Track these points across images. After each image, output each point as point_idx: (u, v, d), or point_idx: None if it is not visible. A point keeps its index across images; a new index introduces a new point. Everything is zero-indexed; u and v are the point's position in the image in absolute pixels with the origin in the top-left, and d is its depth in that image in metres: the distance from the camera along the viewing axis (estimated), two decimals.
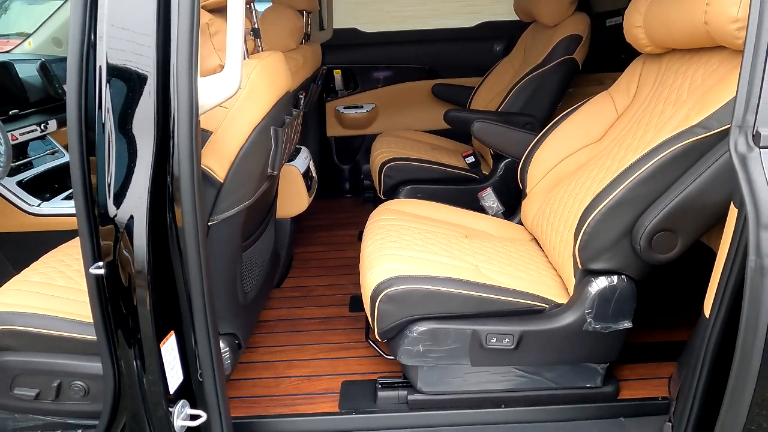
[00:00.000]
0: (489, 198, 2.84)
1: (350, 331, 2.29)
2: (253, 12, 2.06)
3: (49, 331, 1.55)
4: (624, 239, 1.59)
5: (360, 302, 1.93)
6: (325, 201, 3.65)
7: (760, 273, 1.10)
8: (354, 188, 4.06)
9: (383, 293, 1.67)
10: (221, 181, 1.52)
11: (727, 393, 1.19)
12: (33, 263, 1.84)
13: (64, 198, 2.42)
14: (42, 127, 2.62)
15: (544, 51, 2.97)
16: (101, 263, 1.28)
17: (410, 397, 1.82)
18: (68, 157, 1.53)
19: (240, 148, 1.55)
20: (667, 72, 1.85)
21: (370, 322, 1.74)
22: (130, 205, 1.24)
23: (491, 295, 1.70)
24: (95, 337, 1.36)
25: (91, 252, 1.29)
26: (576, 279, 1.70)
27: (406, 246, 1.85)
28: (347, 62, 3.94)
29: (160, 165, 1.24)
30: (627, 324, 1.67)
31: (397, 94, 3.93)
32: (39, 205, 2.34)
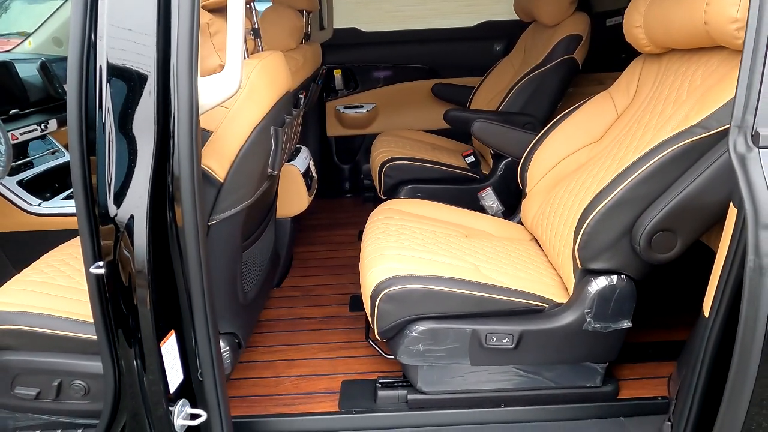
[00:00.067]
0: (489, 198, 2.84)
1: (350, 331, 2.29)
2: (253, 12, 2.06)
3: (50, 331, 1.55)
4: (624, 239, 1.59)
5: (360, 302, 1.93)
6: (325, 200, 3.65)
7: (759, 273, 1.10)
8: (354, 188, 4.05)
9: (383, 293, 1.67)
10: (221, 181, 1.52)
11: (726, 392, 1.19)
12: (33, 263, 1.85)
13: (65, 197, 2.42)
14: (42, 127, 2.62)
15: (544, 51, 2.97)
16: (101, 263, 1.28)
17: (410, 397, 1.83)
18: (68, 157, 1.53)
19: (240, 148, 1.55)
20: (667, 72, 1.85)
21: (370, 322, 1.74)
22: (131, 205, 1.24)
23: (491, 295, 1.70)
24: (95, 337, 1.36)
25: (92, 251, 1.29)
26: (576, 278, 1.70)
27: (406, 245, 1.86)
28: (347, 62, 3.94)
29: (161, 165, 1.24)
30: (626, 324, 1.67)
31: (397, 94, 3.93)
32: (39, 205, 2.33)
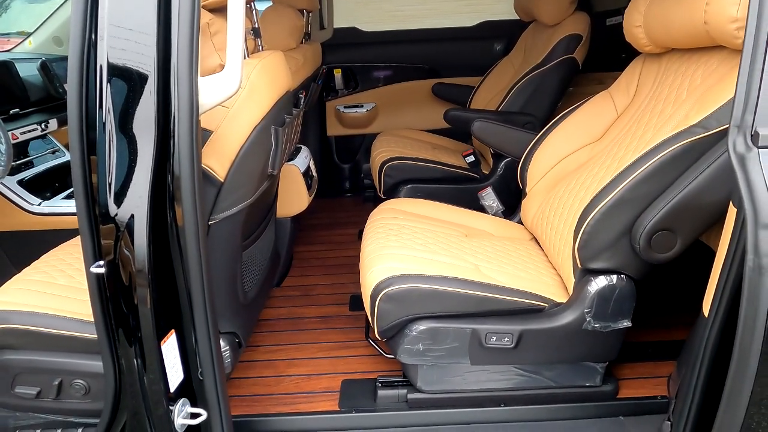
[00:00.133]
0: (489, 197, 2.84)
1: (350, 330, 2.29)
2: (254, 11, 2.06)
3: (50, 330, 1.55)
4: (623, 238, 1.59)
5: (360, 301, 1.93)
6: (326, 200, 3.65)
7: (759, 272, 1.10)
8: (354, 187, 4.06)
9: (383, 292, 1.67)
10: (222, 181, 1.52)
11: (725, 392, 1.19)
12: (34, 262, 1.85)
13: (65, 197, 2.42)
14: (43, 126, 2.62)
15: (545, 50, 2.97)
16: (102, 262, 1.28)
17: (410, 396, 1.83)
18: (69, 156, 1.53)
19: (240, 148, 1.55)
20: (667, 71, 1.85)
21: (370, 321, 1.75)
22: (131, 204, 1.24)
23: (491, 294, 1.70)
24: (96, 336, 1.36)
25: (92, 251, 1.29)
26: (575, 278, 1.70)
27: (406, 245, 1.86)
28: (347, 61, 3.94)
29: (161, 164, 1.25)
30: (626, 323, 1.67)
31: (397, 94, 3.93)
32: (40, 204, 2.34)
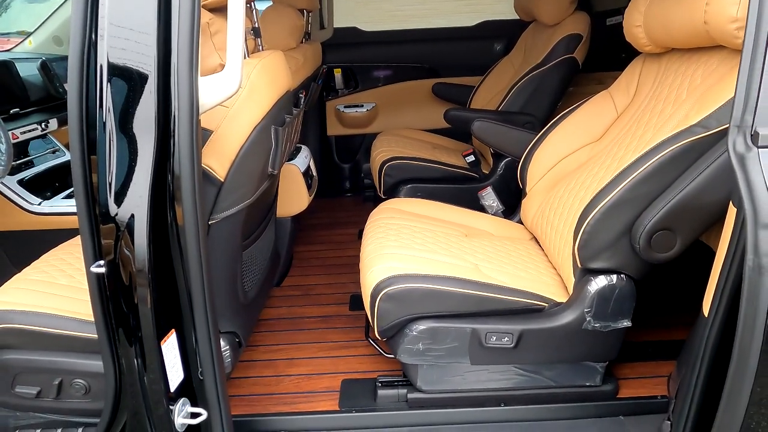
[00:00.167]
0: (489, 197, 2.84)
1: (350, 330, 2.29)
2: (254, 11, 2.06)
3: (51, 330, 1.55)
4: (623, 238, 1.59)
5: (360, 301, 1.93)
6: (326, 200, 3.65)
7: (758, 272, 1.10)
8: (354, 187, 4.06)
9: (383, 292, 1.67)
10: (222, 180, 1.52)
11: (725, 392, 1.19)
12: (34, 262, 1.85)
13: (65, 197, 2.42)
14: (43, 126, 2.63)
15: (545, 50, 2.97)
16: (102, 262, 1.28)
17: (410, 396, 1.83)
18: (69, 156, 1.52)
19: (240, 147, 1.55)
20: (667, 71, 1.85)
21: (370, 321, 1.75)
22: (131, 204, 1.24)
23: (491, 294, 1.70)
24: (96, 336, 1.36)
25: (92, 250, 1.29)
26: (575, 278, 1.70)
27: (406, 245, 1.86)
28: (347, 61, 3.94)
29: (161, 164, 1.25)
30: (626, 323, 1.67)
31: (398, 93, 3.93)
32: (40, 204, 2.34)
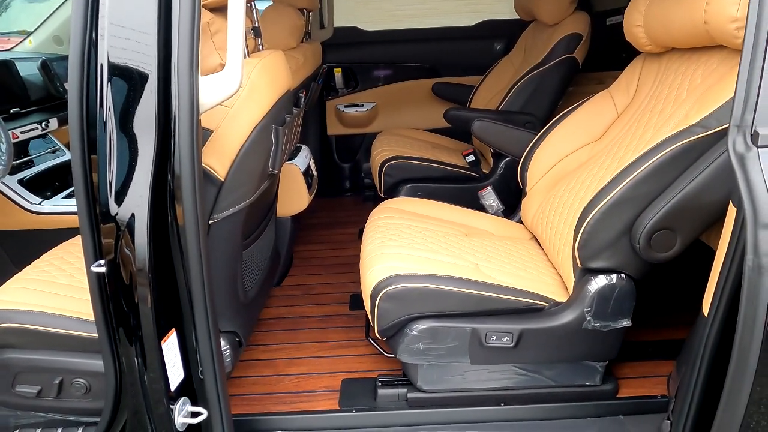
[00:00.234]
0: (489, 197, 2.84)
1: (350, 329, 2.29)
2: (254, 11, 2.06)
3: (51, 329, 1.55)
4: (623, 238, 1.59)
5: (360, 300, 1.93)
6: (326, 199, 3.66)
7: (758, 272, 1.10)
8: (354, 187, 4.05)
9: (383, 291, 1.67)
10: (222, 180, 1.52)
11: (725, 391, 1.19)
12: (34, 261, 1.85)
13: (65, 196, 2.42)
14: (43, 126, 2.63)
15: (545, 50, 2.97)
16: (102, 261, 1.28)
17: (410, 395, 1.83)
18: (69, 156, 1.53)
19: (241, 147, 1.55)
20: (667, 71, 1.85)
21: (370, 320, 1.75)
22: (132, 204, 1.24)
23: (491, 294, 1.70)
24: (96, 335, 1.36)
25: (93, 250, 1.29)
26: (575, 277, 1.70)
27: (407, 244, 1.86)
28: (348, 61, 3.94)
29: (161, 163, 1.25)
30: (626, 322, 1.67)
31: (398, 93, 3.93)
32: (40, 203, 2.34)
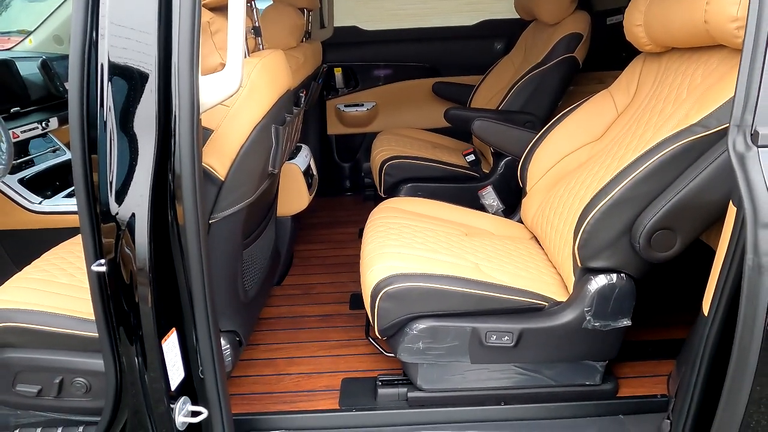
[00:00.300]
0: (489, 196, 2.84)
1: (350, 329, 2.29)
2: (254, 10, 2.06)
3: (51, 328, 1.56)
4: (623, 237, 1.59)
5: (360, 300, 1.93)
6: (326, 199, 3.66)
7: (758, 271, 1.10)
8: (354, 186, 4.05)
9: (383, 291, 1.67)
10: (222, 179, 1.52)
11: (725, 391, 1.19)
12: (35, 261, 1.85)
13: (66, 195, 2.42)
14: (43, 125, 2.63)
15: (545, 49, 2.97)
16: (103, 261, 1.28)
17: (410, 395, 1.83)
18: (69, 155, 1.53)
19: (241, 147, 1.55)
20: (667, 71, 1.85)
21: (371, 320, 1.75)
22: (132, 203, 1.24)
23: (491, 293, 1.70)
24: (97, 334, 1.36)
25: (93, 249, 1.29)
26: (575, 277, 1.70)
27: (407, 244, 1.86)
28: (348, 60, 3.94)
29: (162, 163, 1.25)
30: (626, 322, 1.67)
31: (398, 92, 3.93)
32: (40, 203, 2.34)
